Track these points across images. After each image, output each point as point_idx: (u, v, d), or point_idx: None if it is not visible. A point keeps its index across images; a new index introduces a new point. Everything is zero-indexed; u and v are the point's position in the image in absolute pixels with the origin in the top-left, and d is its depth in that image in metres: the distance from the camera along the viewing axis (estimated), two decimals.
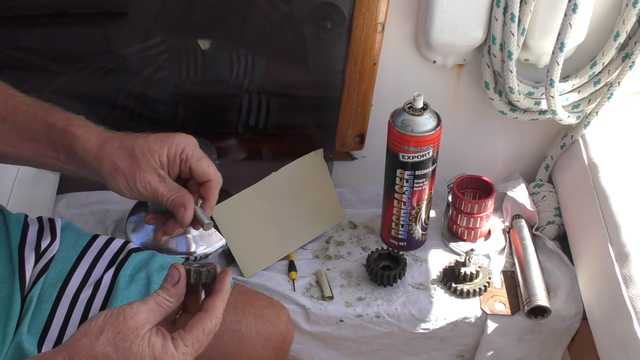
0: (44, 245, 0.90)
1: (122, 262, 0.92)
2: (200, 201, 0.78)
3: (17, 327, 0.84)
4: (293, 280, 1.24)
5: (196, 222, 0.77)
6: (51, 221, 0.95)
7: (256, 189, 1.24)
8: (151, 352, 0.63)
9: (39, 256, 0.89)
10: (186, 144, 0.78)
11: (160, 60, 1.38)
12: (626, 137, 1.28)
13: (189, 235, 1.20)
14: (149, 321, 0.64)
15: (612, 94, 1.22)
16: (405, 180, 1.18)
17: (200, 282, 0.69)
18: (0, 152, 0.79)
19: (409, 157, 1.15)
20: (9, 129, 0.78)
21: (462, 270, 1.21)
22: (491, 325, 1.19)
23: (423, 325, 1.20)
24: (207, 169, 0.77)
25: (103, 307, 0.88)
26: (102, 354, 0.61)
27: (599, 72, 1.23)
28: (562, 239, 1.31)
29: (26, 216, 0.94)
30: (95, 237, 0.96)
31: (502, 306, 1.20)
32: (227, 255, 1.24)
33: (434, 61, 1.25)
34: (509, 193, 1.37)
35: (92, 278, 0.90)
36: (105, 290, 0.89)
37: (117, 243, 0.96)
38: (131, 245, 0.96)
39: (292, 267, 1.26)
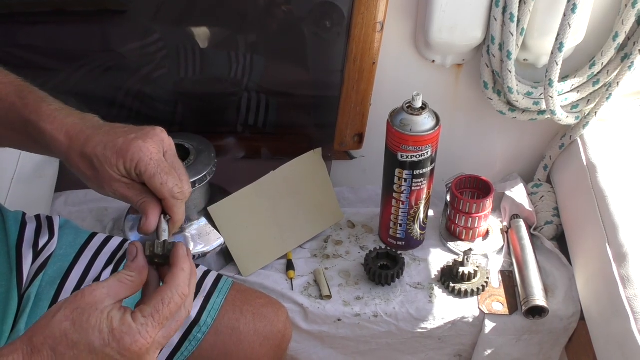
0: (41, 243, 0.90)
1: (120, 260, 0.92)
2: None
3: (14, 325, 0.84)
4: (291, 279, 1.24)
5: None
6: (49, 219, 0.95)
7: (254, 188, 1.24)
8: (109, 325, 0.61)
9: (36, 254, 0.89)
10: (140, 158, 0.72)
11: (159, 59, 1.38)
12: (625, 138, 1.28)
13: (186, 234, 1.20)
14: (110, 296, 0.63)
15: (610, 94, 1.22)
16: (403, 180, 1.18)
17: (156, 252, 0.68)
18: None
19: (407, 157, 1.15)
20: (7, 127, 0.77)
21: (460, 269, 1.21)
22: (489, 325, 1.19)
23: (421, 325, 1.20)
24: (160, 187, 0.72)
25: None
26: (59, 330, 0.60)
27: (598, 73, 1.23)
28: (560, 239, 1.31)
29: (24, 214, 0.94)
30: (93, 235, 0.96)
31: (500, 306, 1.20)
32: (225, 254, 1.24)
33: (433, 61, 1.25)
34: (508, 193, 1.38)
35: (90, 276, 0.90)
36: None
37: (116, 241, 0.96)
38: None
39: (290, 266, 1.26)
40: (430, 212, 1.32)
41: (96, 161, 0.72)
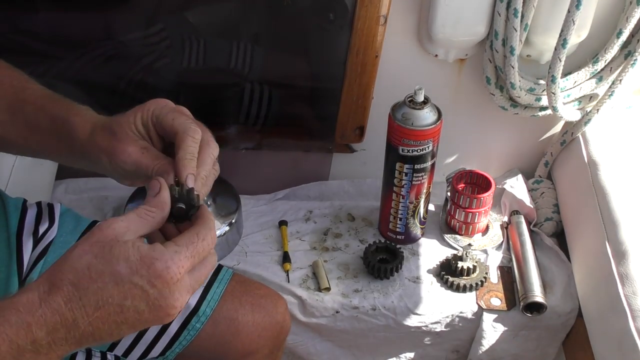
0: (41, 229, 0.90)
1: None
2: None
3: None
4: (287, 271, 1.24)
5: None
6: (50, 206, 0.95)
7: None
8: (137, 252, 0.57)
9: (36, 241, 0.89)
10: (156, 105, 0.72)
11: (160, 48, 1.37)
12: (626, 135, 1.28)
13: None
14: (130, 230, 0.59)
15: (613, 91, 1.21)
16: (404, 174, 1.18)
17: (179, 195, 0.64)
18: (10, 142, 0.78)
19: (408, 151, 1.15)
20: (19, 121, 0.77)
21: (459, 264, 1.21)
22: (487, 320, 1.19)
23: (419, 319, 1.20)
24: (173, 121, 0.70)
25: None
26: (79, 263, 0.56)
27: (601, 70, 1.22)
28: (560, 236, 1.31)
29: (25, 201, 0.94)
30: (94, 223, 0.96)
31: (498, 301, 1.21)
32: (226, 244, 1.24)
33: (436, 55, 1.25)
34: (508, 189, 1.38)
35: None
36: None
37: None
38: None
39: (286, 258, 1.26)
40: (431, 207, 1.32)
41: (115, 125, 0.71)
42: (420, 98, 1.12)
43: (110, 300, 0.56)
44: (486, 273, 1.23)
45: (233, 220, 1.25)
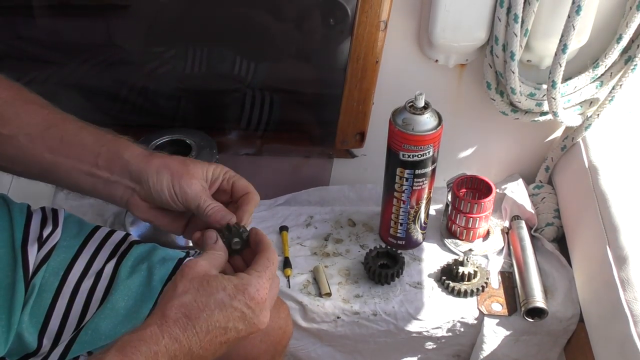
0: (45, 233, 0.90)
1: (123, 254, 0.92)
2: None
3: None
4: (288, 277, 1.24)
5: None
6: (54, 211, 0.95)
7: None
8: (229, 282, 0.68)
9: (40, 244, 0.89)
10: (227, 168, 0.84)
11: (162, 54, 1.38)
12: (627, 140, 1.28)
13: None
14: (213, 266, 0.71)
15: (614, 96, 1.22)
16: (405, 179, 1.18)
17: (232, 239, 0.76)
18: (33, 160, 0.80)
19: (409, 156, 1.15)
20: (54, 135, 0.80)
21: (460, 270, 1.21)
22: (488, 326, 1.19)
23: (420, 324, 1.20)
24: (248, 184, 0.84)
25: (104, 297, 0.88)
26: (186, 298, 0.66)
27: (602, 75, 1.22)
28: (561, 241, 1.31)
29: (29, 206, 0.94)
30: (97, 228, 0.96)
31: (499, 307, 1.20)
32: None
33: (436, 60, 1.25)
34: (509, 194, 1.38)
35: (93, 268, 0.90)
36: (107, 281, 0.89)
37: (118, 235, 0.96)
38: (133, 237, 0.96)
39: (287, 263, 1.26)
40: (431, 212, 1.32)
41: (189, 160, 0.81)
42: (421, 103, 1.12)
43: (217, 324, 0.67)
44: (487, 278, 1.23)
45: None
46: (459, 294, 1.21)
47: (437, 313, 1.20)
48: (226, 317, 0.67)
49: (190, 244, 1.19)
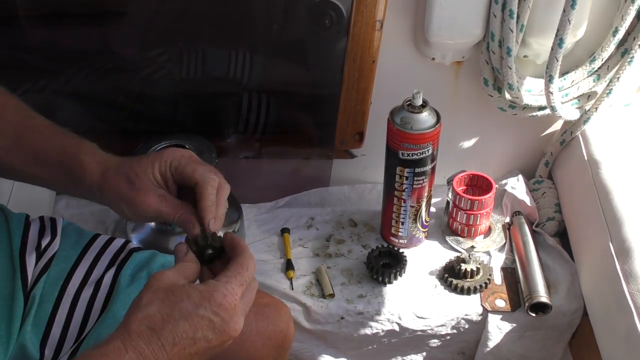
0: (44, 243, 0.90)
1: (123, 261, 0.92)
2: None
3: (20, 327, 0.84)
4: (291, 279, 1.24)
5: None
6: (52, 220, 0.95)
7: None
8: (195, 290, 0.65)
9: (39, 255, 0.89)
10: (174, 157, 0.79)
11: (159, 60, 1.38)
12: (626, 133, 1.28)
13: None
14: (181, 277, 0.68)
15: (611, 89, 1.22)
16: (405, 178, 1.18)
17: (205, 249, 0.73)
18: (13, 169, 0.81)
19: (408, 155, 1.15)
20: (25, 148, 0.80)
21: (463, 267, 1.21)
22: (492, 322, 1.19)
23: (424, 323, 1.20)
24: (193, 172, 0.78)
25: (104, 306, 0.87)
26: (150, 310, 0.64)
27: (598, 68, 1.22)
28: (562, 235, 1.31)
29: (27, 216, 0.94)
30: (96, 237, 0.96)
31: (502, 303, 1.20)
32: None
33: (433, 58, 1.25)
34: (509, 190, 1.38)
35: (93, 277, 0.90)
36: (107, 290, 0.89)
37: (118, 242, 0.96)
38: (132, 245, 0.96)
39: (289, 265, 1.26)
40: (432, 210, 1.32)
41: (132, 174, 0.78)
42: (419, 102, 1.12)
43: (184, 335, 0.63)
44: (490, 275, 1.23)
45: (235, 229, 1.25)
46: (462, 291, 1.21)
47: (441, 311, 1.20)
48: (193, 326, 0.64)
49: None
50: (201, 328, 0.64)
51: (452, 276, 1.22)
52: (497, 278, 1.24)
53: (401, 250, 1.26)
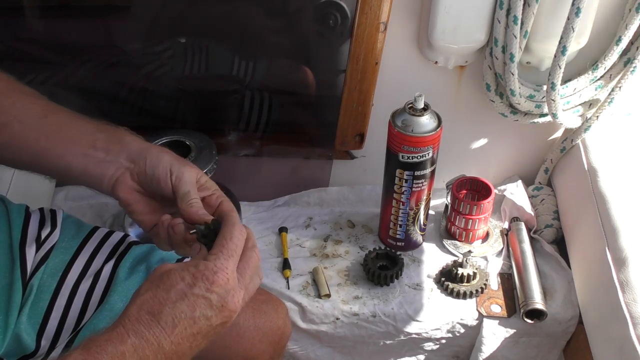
0: (43, 234, 0.90)
1: (122, 254, 0.92)
2: None
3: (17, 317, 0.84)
4: (287, 278, 1.24)
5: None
6: (52, 212, 0.95)
7: None
8: (186, 272, 0.66)
9: (39, 245, 0.89)
10: (216, 186, 0.83)
11: (162, 56, 1.38)
12: (626, 142, 1.28)
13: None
14: (175, 267, 0.68)
15: (613, 98, 1.22)
16: (404, 181, 1.18)
17: (209, 232, 0.73)
18: (25, 146, 0.80)
19: (408, 157, 1.15)
20: (52, 122, 0.80)
21: (459, 271, 1.21)
22: (487, 327, 1.19)
23: (419, 326, 1.20)
24: (233, 208, 0.79)
25: (102, 298, 0.88)
26: (147, 297, 0.65)
27: (601, 77, 1.23)
28: (560, 243, 1.31)
29: (27, 207, 0.94)
30: (95, 229, 0.96)
31: (498, 308, 1.20)
32: None
33: (436, 62, 1.25)
34: (508, 195, 1.38)
35: (91, 269, 0.90)
36: (105, 282, 0.89)
37: (118, 235, 0.96)
38: (131, 238, 0.96)
39: (286, 265, 1.26)
40: (431, 213, 1.32)
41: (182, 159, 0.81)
42: (420, 105, 1.13)
43: (182, 315, 0.65)
44: (486, 280, 1.23)
45: None
46: (458, 295, 1.21)
47: (437, 314, 1.20)
48: (190, 306, 0.65)
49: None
50: (199, 307, 0.65)
51: (449, 280, 1.22)
52: (494, 283, 1.24)
53: (398, 253, 1.26)
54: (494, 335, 1.20)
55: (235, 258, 0.69)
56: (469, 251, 1.27)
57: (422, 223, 1.27)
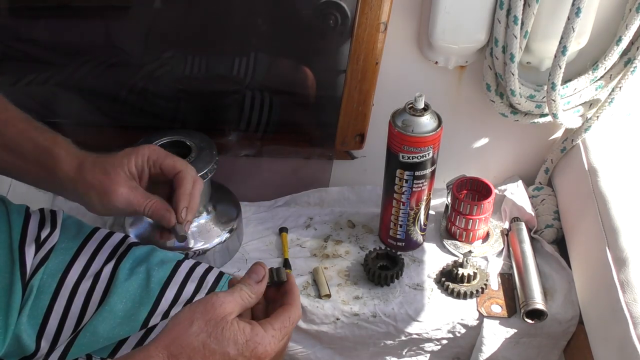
0: (43, 235, 0.90)
1: (122, 255, 0.92)
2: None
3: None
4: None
5: (170, 234, 0.87)
6: (52, 212, 0.95)
7: None
8: (242, 335, 0.67)
9: (38, 246, 0.89)
10: (150, 151, 0.86)
11: (162, 56, 1.38)
12: (626, 142, 1.28)
13: (187, 231, 1.20)
14: (234, 312, 0.69)
15: (613, 98, 1.22)
16: (404, 181, 1.18)
17: (275, 281, 0.76)
18: None
19: (408, 158, 1.15)
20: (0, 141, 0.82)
21: (460, 271, 1.21)
22: (487, 328, 1.19)
23: (419, 326, 1.20)
24: (175, 162, 0.86)
25: (102, 299, 0.88)
26: (196, 341, 0.65)
27: (601, 77, 1.23)
28: (561, 243, 1.31)
29: (28, 207, 0.94)
30: (95, 230, 0.96)
31: (498, 308, 1.20)
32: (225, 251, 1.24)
33: (436, 62, 1.25)
34: (508, 195, 1.38)
35: (91, 270, 0.90)
36: (105, 283, 0.89)
37: (117, 237, 0.96)
38: (131, 239, 0.96)
39: (286, 265, 1.26)
40: (431, 213, 1.32)
41: (109, 166, 0.83)
42: (421, 105, 1.13)
43: None
44: (487, 280, 1.23)
45: (233, 227, 1.25)
46: (458, 295, 1.21)
47: (437, 315, 1.20)
48: None
49: (189, 245, 1.19)
50: None
51: (449, 280, 1.22)
52: (494, 283, 1.24)
53: (399, 253, 1.26)
54: (495, 335, 1.20)
55: (285, 339, 0.72)
56: (470, 251, 1.27)
57: (422, 223, 1.27)
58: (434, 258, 1.29)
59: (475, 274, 1.22)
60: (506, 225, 1.35)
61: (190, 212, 0.86)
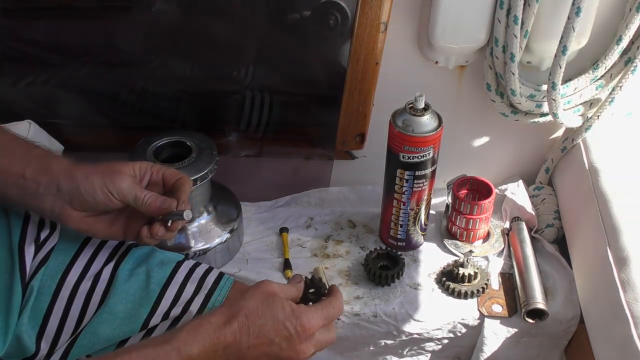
0: (43, 236, 0.90)
1: (122, 256, 0.92)
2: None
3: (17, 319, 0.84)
4: (288, 278, 1.24)
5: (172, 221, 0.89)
6: None
7: None
8: (288, 306, 0.80)
9: (38, 247, 0.89)
10: (152, 163, 0.92)
11: (162, 55, 1.38)
12: (626, 142, 1.28)
13: (188, 232, 1.20)
14: (283, 292, 0.82)
15: (613, 97, 1.22)
16: (405, 181, 1.18)
17: (310, 287, 0.89)
18: None
19: (409, 157, 1.15)
20: None
21: (460, 271, 1.21)
22: (488, 327, 1.19)
23: (420, 326, 1.20)
24: (176, 170, 0.92)
25: (102, 300, 0.88)
26: (251, 303, 0.78)
27: (601, 76, 1.23)
28: (561, 242, 1.31)
29: None
30: None
31: (499, 308, 1.20)
32: (226, 252, 1.24)
33: (436, 62, 1.25)
34: (509, 195, 1.38)
35: (91, 271, 0.90)
36: (105, 284, 0.89)
37: None
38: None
39: (287, 265, 1.26)
40: (431, 213, 1.32)
41: (112, 164, 0.86)
42: (421, 105, 1.13)
43: (267, 333, 0.77)
44: (487, 280, 1.23)
45: (234, 227, 1.25)
46: (459, 295, 1.21)
47: (438, 314, 1.20)
48: (276, 330, 0.77)
49: (190, 245, 1.19)
50: (281, 336, 0.78)
51: (450, 280, 1.22)
52: (495, 283, 1.24)
53: (399, 253, 1.26)
54: (495, 335, 1.20)
55: (326, 322, 0.82)
56: (470, 251, 1.27)
57: (422, 223, 1.27)
58: (435, 258, 1.29)
59: (475, 273, 1.22)
60: (507, 224, 1.35)
61: (187, 205, 0.90)
